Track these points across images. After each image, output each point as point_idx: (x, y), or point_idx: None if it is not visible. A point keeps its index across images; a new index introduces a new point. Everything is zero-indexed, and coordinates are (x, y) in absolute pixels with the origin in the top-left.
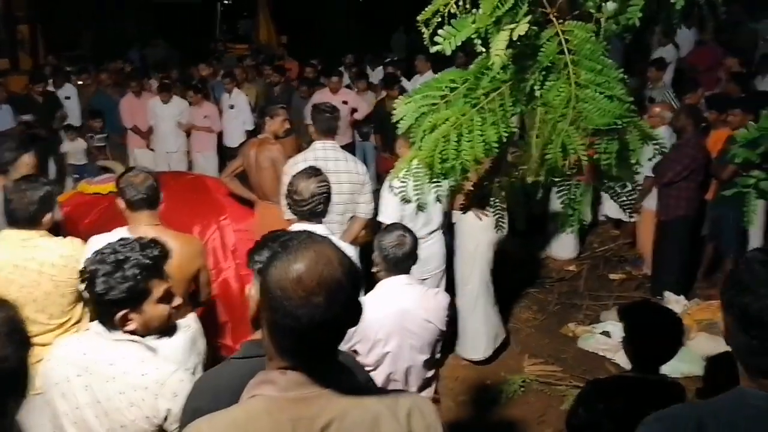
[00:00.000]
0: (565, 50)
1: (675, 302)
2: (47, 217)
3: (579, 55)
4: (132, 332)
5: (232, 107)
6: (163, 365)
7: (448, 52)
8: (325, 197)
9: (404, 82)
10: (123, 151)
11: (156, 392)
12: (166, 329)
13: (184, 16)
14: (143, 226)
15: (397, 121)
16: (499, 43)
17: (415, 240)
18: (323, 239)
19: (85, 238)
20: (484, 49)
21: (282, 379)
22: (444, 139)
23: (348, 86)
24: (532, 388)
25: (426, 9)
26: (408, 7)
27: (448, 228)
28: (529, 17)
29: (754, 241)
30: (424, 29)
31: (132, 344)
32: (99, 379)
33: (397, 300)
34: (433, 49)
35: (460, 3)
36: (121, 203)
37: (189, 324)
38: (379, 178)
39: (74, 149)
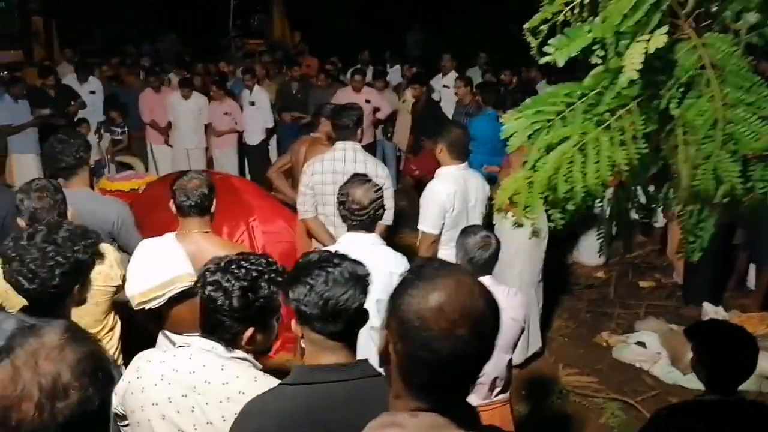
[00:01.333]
0: (707, 65)
1: (714, 313)
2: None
3: (723, 71)
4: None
5: (252, 104)
6: (275, 384)
7: (560, 64)
8: (381, 203)
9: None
10: (142, 146)
11: None
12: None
13: (196, 10)
14: (193, 233)
15: (506, 138)
16: (635, 57)
17: (498, 241)
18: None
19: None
20: (600, 61)
21: (412, 423)
22: (568, 160)
23: (369, 84)
24: (569, 400)
25: (534, 17)
26: (424, 5)
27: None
28: (665, 28)
29: None
30: (531, 39)
31: (243, 362)
32: (212, 399)
33: None
34: (542, 60)
35: (576, 10)
36: (172, 207)
37: None
38: (397, 179)
39: None
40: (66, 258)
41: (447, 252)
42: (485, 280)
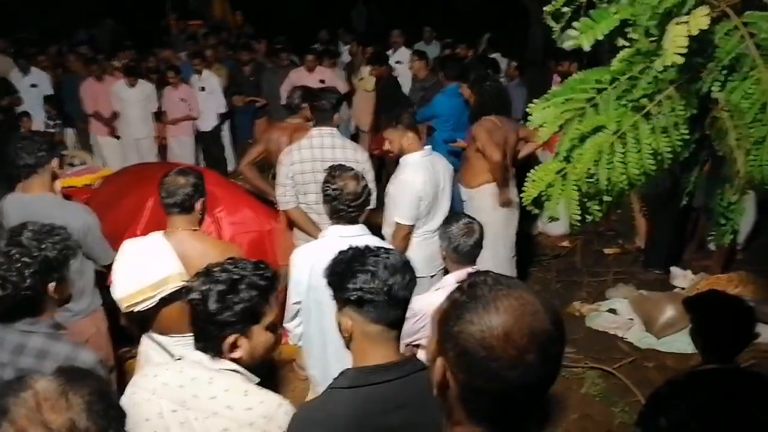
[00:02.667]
0: (750, 46)
1: (682, 277)
2: None
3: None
4: (236, 361)
5: (203, 89)
6: (268, 398)
7: (586, 48)
8: (369, 191)
9: None
10: (86, 138)
11: (263, 428)
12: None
13: None
14: (180, 231)
15: (537, 128)
16: (678, 40)
17: (481, 227)
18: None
19: None
20: (627, 44)
21: None
22: (608, 150)
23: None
24: None
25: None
26: None
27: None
28: (705, 9)
29: (748, 212)
30: (552, 23)
31: (234, 375)
32: (199, 414)
33: None
34: (566, 45)
35: None
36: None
37: None
38: None
39: None
40: (33, 257)
41: (420, 240)
42: (472, 270)
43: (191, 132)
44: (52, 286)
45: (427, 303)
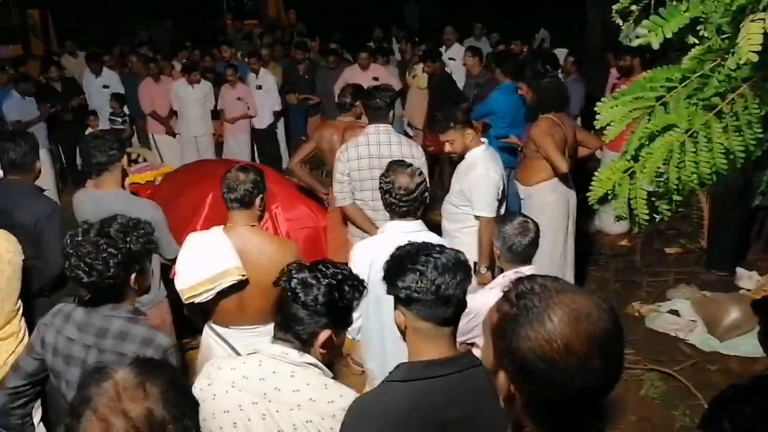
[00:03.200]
0: None
1: (748, 278)
2: None
3: None
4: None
5: (259, 88)
6: (346, 392)
7: (655, 46)
8: (426, 186)
9: None
10: (145, 137)
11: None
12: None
13: None
14: (239, 227)
15: (603, 127)
16: (753, 37)
17: (537, 226)
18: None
19: None
20: (697, 42)
21: None
22: (678, 149)
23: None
24: None
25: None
26: None
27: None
28: None
29: None
30: (620, 21)
31: (313, 369)
32: (282, 407)
33: None
34: (635, 43)
35: None
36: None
37: None
38: None
39: None
40: (118, 249)
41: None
42: (527, 270)
43: (247, 130)
44: (132, 277)
45: (481, 302)
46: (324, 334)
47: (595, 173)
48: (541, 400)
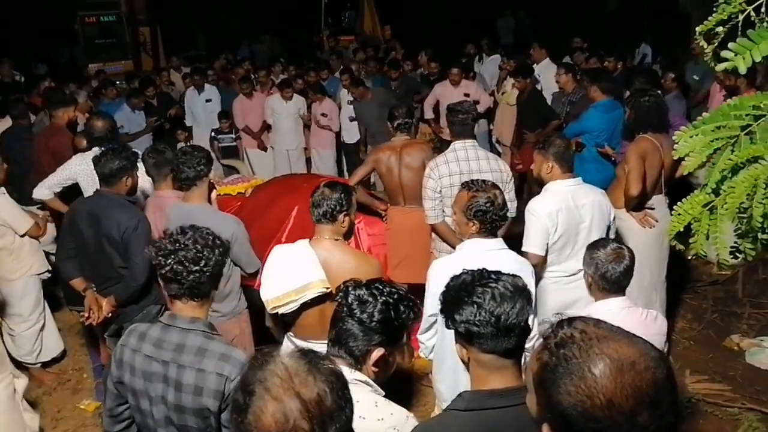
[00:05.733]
0: None
1: None
2: None
3: None
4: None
5: (350, 103)
6: (397, 410)
7: (742, 71)
8: (506, 204)
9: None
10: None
11: None
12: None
13: (288, 9)
14: (324, 240)
15: (682, 158)
16: None
17: (632, 254)
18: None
19: None
20: None
21: None
22: (763, 183)
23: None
24: (699, 409)
25: (709, 19)
26: None
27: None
28: None
29: None
30: (704, 44)
31: (364, 386)
32: None
33: None
34: (720, 68)
35: (762, 9)
36: None
37: None
38: None
39: None
40: (215, 250)
41: (551, 283)
42: (617, 302)
43: (332, 145)
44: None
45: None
46: (377, 353)
47: (675, 207)
48: None
